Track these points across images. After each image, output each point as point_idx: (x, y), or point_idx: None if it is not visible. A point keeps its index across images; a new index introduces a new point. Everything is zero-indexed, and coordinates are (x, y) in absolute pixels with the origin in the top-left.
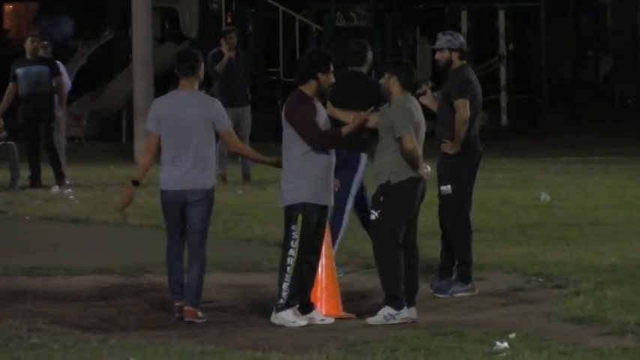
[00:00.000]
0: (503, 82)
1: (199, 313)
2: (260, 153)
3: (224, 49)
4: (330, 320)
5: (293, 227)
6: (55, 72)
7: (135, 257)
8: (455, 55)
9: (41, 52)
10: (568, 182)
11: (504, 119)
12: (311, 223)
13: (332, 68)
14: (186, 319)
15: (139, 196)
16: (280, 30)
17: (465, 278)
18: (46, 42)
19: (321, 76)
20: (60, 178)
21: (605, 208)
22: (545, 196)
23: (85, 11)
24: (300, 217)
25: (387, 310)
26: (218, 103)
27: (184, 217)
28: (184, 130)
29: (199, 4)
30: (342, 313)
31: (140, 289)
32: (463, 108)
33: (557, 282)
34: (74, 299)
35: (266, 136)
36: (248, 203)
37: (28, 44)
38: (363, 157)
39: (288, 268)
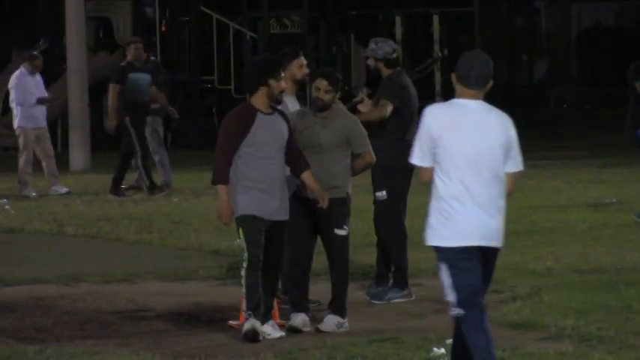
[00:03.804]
0: (438, 87)
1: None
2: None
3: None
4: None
5: (238, 240)
6: None
7: (71, 267)
8: (380, 64)
9: None
10: None
11: None
12: (252, 236)
13: (283, 74)
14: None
15: (74, 205)
16: (214, 38)
17: (402, 284)
18: None
19: (272, 82)
20: None
21: (541, 212)
22: None
23: (19, 20)
24: (240, 231)
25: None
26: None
27: None
28: None
29: (133, 12)
30: (277, 321)
31: (76, 298)
32: (384, 108)
33: (494, 287)
34: (10, 310)
35: (201, 143)
36: (183, 211)
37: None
38: None
39: (242, 280)
